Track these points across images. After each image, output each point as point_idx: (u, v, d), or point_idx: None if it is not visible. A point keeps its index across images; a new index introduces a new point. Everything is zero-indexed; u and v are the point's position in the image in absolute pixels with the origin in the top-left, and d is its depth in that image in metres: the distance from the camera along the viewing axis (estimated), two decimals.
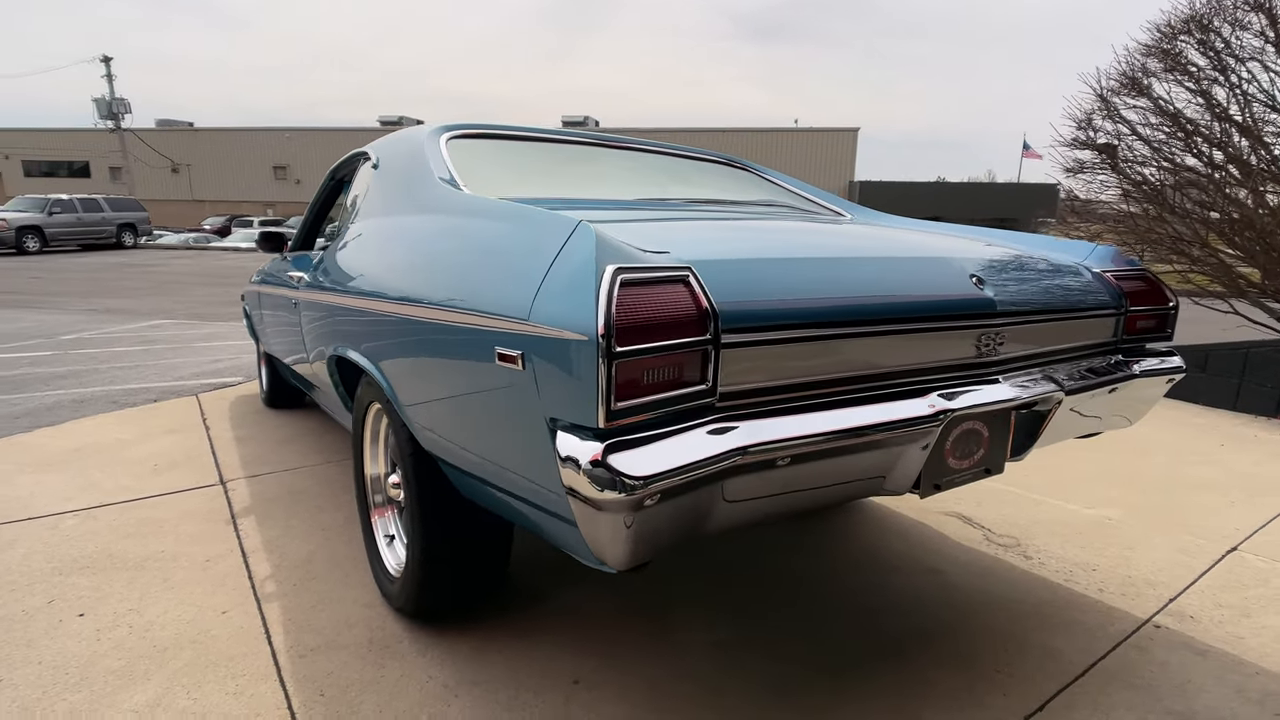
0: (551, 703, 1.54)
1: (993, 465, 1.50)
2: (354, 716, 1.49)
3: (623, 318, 0.91)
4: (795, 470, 1.11)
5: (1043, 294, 1.55)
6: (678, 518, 1.01)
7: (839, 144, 33.28)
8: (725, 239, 1.40)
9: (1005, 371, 1.46)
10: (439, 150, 1.91)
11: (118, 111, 28.70)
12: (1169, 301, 1.88)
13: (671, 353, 0.96)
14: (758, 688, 1.60)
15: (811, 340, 1.14)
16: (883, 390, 1.25)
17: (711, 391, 1.03)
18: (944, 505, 2.69)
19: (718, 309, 1.02)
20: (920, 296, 1.29)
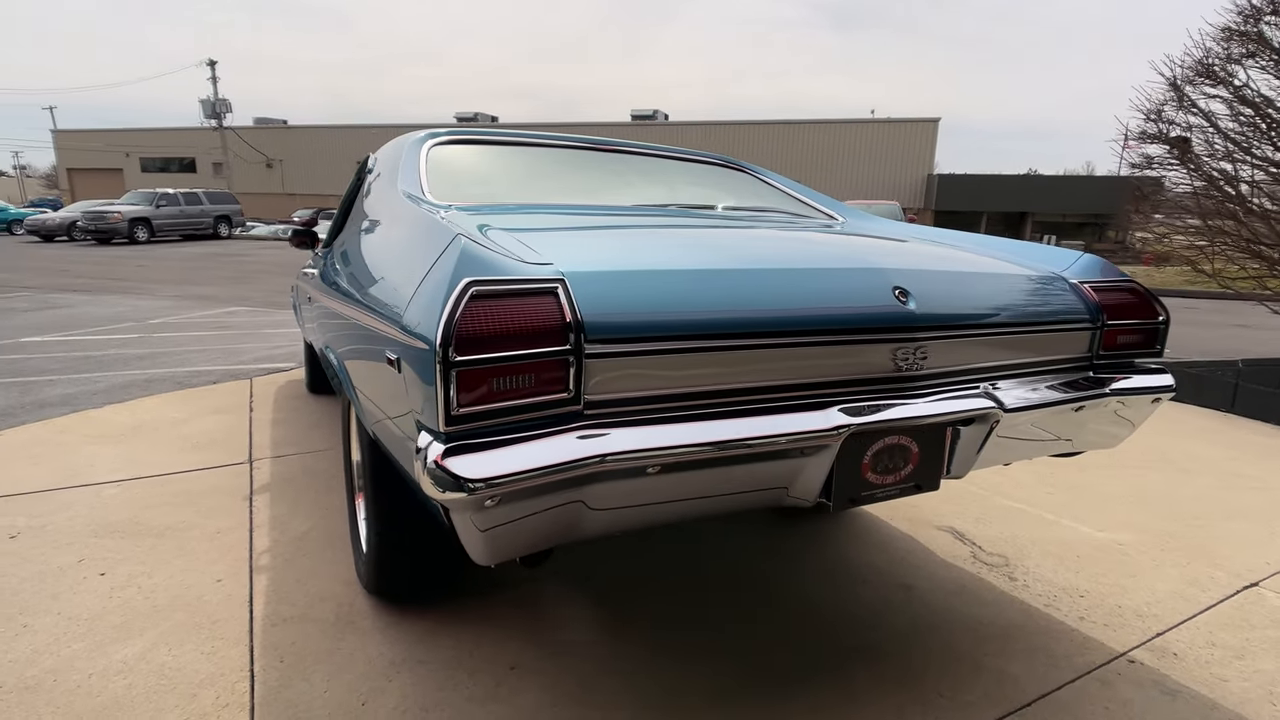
0: (483, 685, 1.61)
1: (924, 482, 1.46)
2: (304, 683, 1.61)
3: (465, 328, 0.96)
4: (671, 479, 1.13)
5: (989, 307, 1.50)
6: (537, 520, 1.06)
7: (918, 135, 32.04)
8: (632, 249, 1.42)
9: (935, 386, 1.42)
10: (416, 158, 2.01)
11: (220, 111, 30.79)
12: (1158, 316, 1.77)
13: (525, 362, 1.00)
14: (686, 690, 1.62)
15: (694, 352, 1.16)
16: (783, 402, 1.25)
17: (575, 400, 1.06)
18: (940, 518, 2.61)
19: (585, 321, 1.06)
20: (822, 310, 1.27)
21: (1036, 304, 1.60)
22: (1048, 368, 1.65)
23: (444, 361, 0.94)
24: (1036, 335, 1.59)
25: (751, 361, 1.21)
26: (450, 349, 0.94)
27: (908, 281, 1.40)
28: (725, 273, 1.26)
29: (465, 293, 0.97)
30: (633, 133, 35.73)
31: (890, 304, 1.34)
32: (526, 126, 37.20)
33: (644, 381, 1.13)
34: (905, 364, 1.37)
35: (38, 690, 1.56)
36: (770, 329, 1.21)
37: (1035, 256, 1.86)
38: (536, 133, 2.47)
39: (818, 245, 1.61)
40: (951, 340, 1.43)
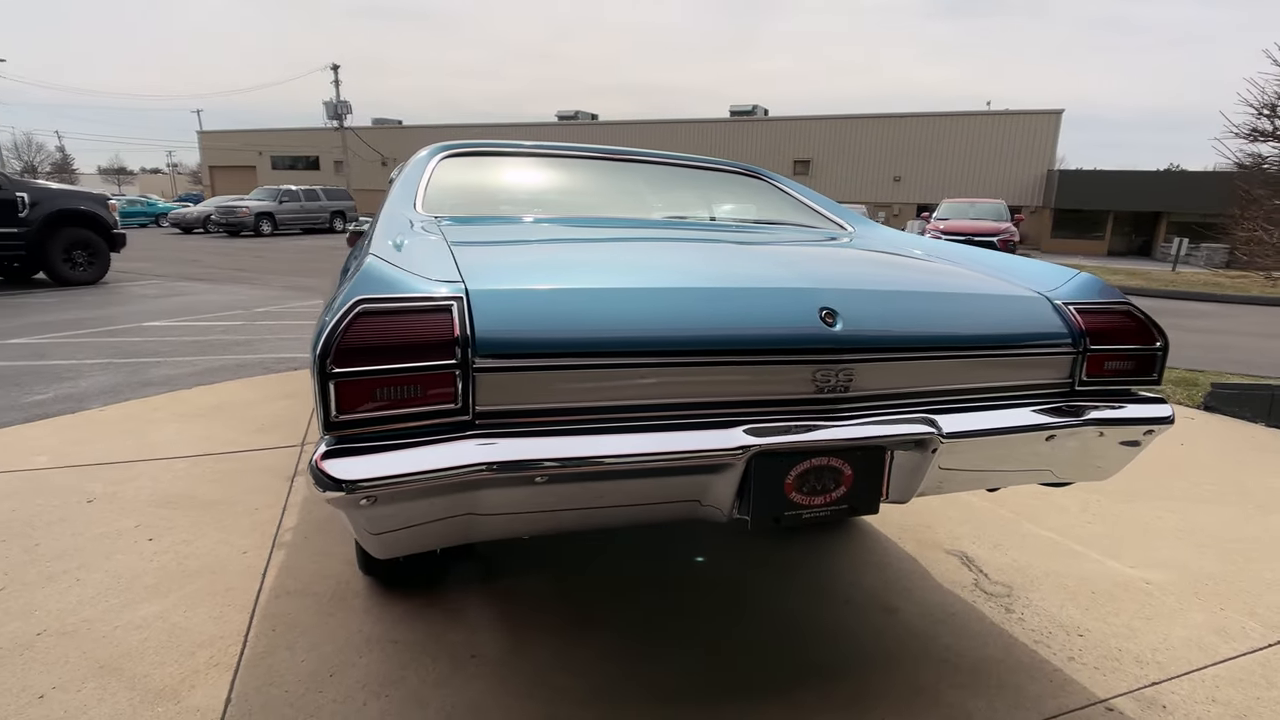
0: (441, 669, 1.72)
1: (859, 504, 1.44)
2: (286, 652, 1.78)
3: (347, 343, 1.05)
4: (563, 489, 1.18)
5: (937, 329, 1.45)
6: (423, 520, 1.14)
7: (1038, 128, 29.95)
8: (561, 265, 1.47)
9: (864, 409, 1.39)
10: (423, 171, 2.15)
11: (341, 113, 33.06)
12: (1155, 341, 1.64)
13: (410, 375, 1.08)
14: (628, 692, 1.66)
15: (593, 369, 1.20)
16: (688, 419, 1.27)
17: (465, 410, 1.13)
18: (953, 541, 2.50)
19: (478, 337, 1.12)
20: (731, 331, 1.28)
21: (999, 326, 1.52)
22: (1017, 393, 1.57)
23: (321, 373, 1.04)
24: (998, 359, 1.51)
25: (654, 380, 1.24)
26: (329, 361, 1.04)
27: (839, 302, 1.37)
28: (635, 291, 1.29)
29: (353, 310, 1.07)
30: (731, 129, 35.41)
31: (811, 325, 1.32)
32: (625, 124, 37.61)
33: (543, 395, 1.19)
34: (828, 386, 1.35)
35: (72, 636, 1.81)
36: (672, 348, 1.23)
37: (1025, 275, 1.76)
38: (551, 143, 2.56)
39: (756, 263, 1.60)
40: (885, 363, 1.39)
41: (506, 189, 2.33)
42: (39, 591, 2.01)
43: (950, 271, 1.81)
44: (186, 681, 1.65)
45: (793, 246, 1.96)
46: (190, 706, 1.57)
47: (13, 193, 8.01)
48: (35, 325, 6.32)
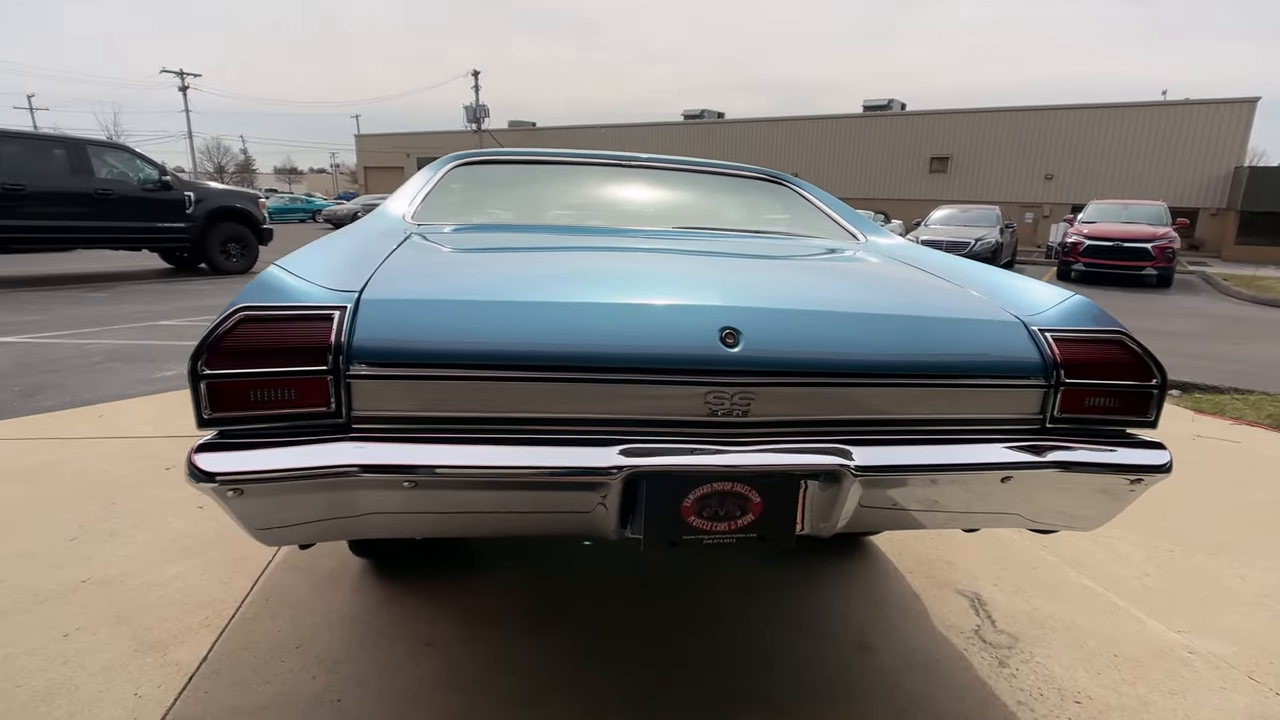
0: (394, 653, 1.82)
1: (770, 535, 1.36)
2: (269, 621, 1.95)
3: (221, 346, 1.14)
4: (437, 496, 1.21)
5: (867, 353, 1.33)
6: (296, 515, 1.21)
7: (1225, 120, 26.40)
8: (476, 276, 1.49)
9: (769, 435, 1.31)
10: (429, 179, 2.26)
11: (479, 116, 35.07)
12: (1150, 377, 1.42)
13: (283, 378, 1.16)
14: (558, 700, 1.68)
15: (473, 381, 1.22)
16: (567, 435, 1.26)
17: (338, 414, 1.19)
18: (970, 581, 2.30)
19: (355, 345, 1.18)
20: (616, 348, 1.24)
21: (947, 353, 1.38)
22: (977, 427, 1.42)
23: (192, 373, 1.14)
24: (943, 388, 1.38)
25: (536, 394, 1.25)
26: (199, 363, 1.13)
27: (745, 321, 1.31)
28: (527, 305, 1.30)
29: (232, 316, 1.16)
30: (862, 124, 34.01)
31: (705, 345, 1.27)
32: (750, 122, 37.10)
33: (422, 404, 1.23)
34: (722, 410, 1.29)
35: (107, 586, 2.08)
36: (553, 364, 1.23)
37: (1011, 296, 1.59)
38: (569, 151, 2.60)
39: (680, 277, 1.54)
40: (794, 388, 1.31)
41: (505, 198, 2.41)
42: (99, 544, 2.33)
43: (918, 291, 1.67)
44: (178, 638, 1.86)
45: (742, 259, 1.89)
46: (172, 660, 1.76)
47: (181, 192, 9.20)
48: (187, 309, 7.24)
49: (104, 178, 8.65)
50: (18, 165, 7.87)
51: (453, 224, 2.03)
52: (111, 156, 8.93)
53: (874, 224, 2.41)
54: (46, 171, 8.15)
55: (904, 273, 1.85)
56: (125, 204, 8.75)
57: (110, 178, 8.70)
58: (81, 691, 1.64)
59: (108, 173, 8.74)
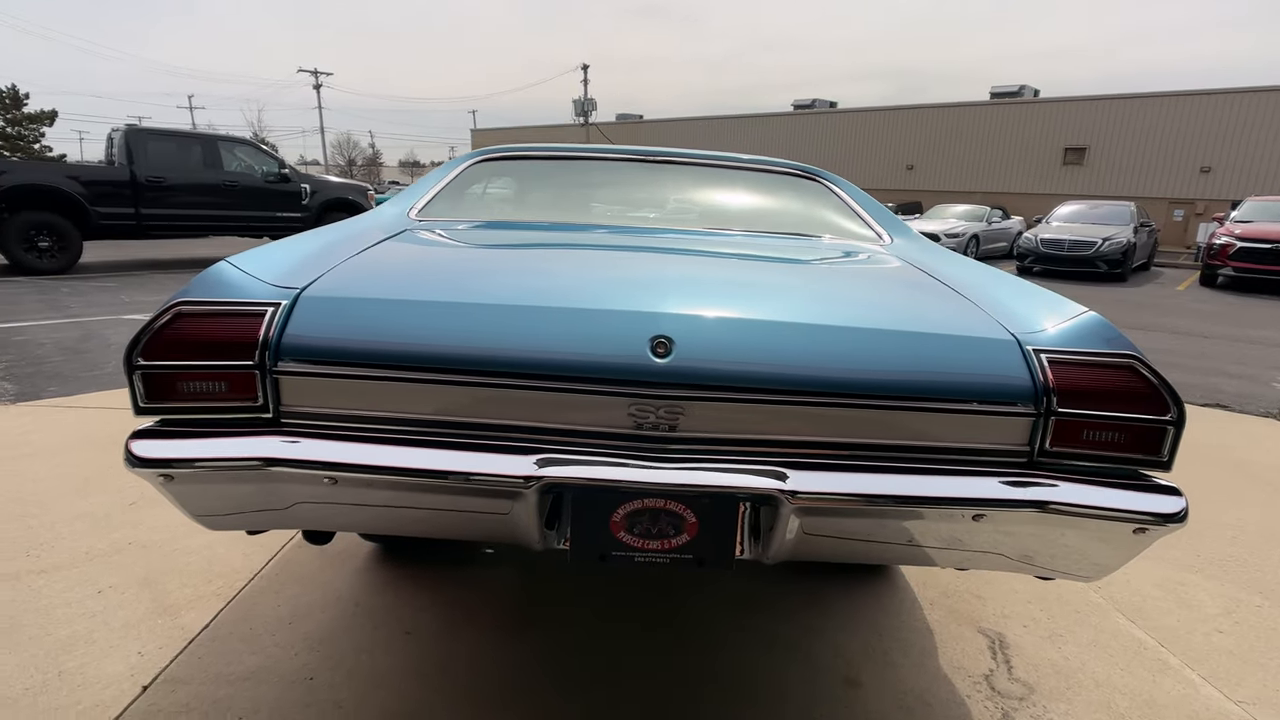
0: (373, 638, 1.87)
1: (707, 557, 1.28)
2: (273, 596, 2.06)
3: (155, 340, 1.18)
4: (359, 493, 1.22)
5: (822, 371, 1.22)
6: (227, 503, 1.25)
7: None
8: (412, 276, 1.48)
9: (705, 451, 1.22)
10: (445, 174, 2.30)
11: (587, 110, 35.63)
12: (1164, 411, 1.22)
13: (212, 372, 1.20)
14: (511, 703, 1.67)
15: (395, 381, 1.21)
16: (488, 440, 1.23)
17: (266, 408, 1.22)
18: (998, 620, 2.09)
19: (284, 343, 1.20)
20: (541, 354, 1.20)
21: (917, 372, 1.24)
22: (955, 455, 1.27)
23: (127, 363, 1.20)
24: (907, 411, 1.24)
25: (461, 398, 1.23)
26: (135, 354, 1.19)
27: (680, 330, 1.22)
28: (457, 306, 1.28)
29: (170, 310, 1.21)
30: (988, 113, 31.87)
31: (629, 355, 1.20)
32: (863, 112, 35.64)
33: (349, 402, 1.24)
34: (648, 423, 1.22)
35: (146, 550, 2.27)
36: (477, 368, 1.21)
37: (1018, 310, 1.41)
38: (592, 146, 2.57)
39: (615, 282, 1.46)
40: (731, 404, 1.21)
41: (518, 195, 2.41)
42: (151, 510, 2.54)
43: (906, 301, 1.51)
44: (191, 604, 2.00)
45: (724, 260, 1.79)
46: (179, 624, 1.90)
47: (299, 184, 9.94)
48: None
49: (232, 171, 9.49)
50: (159, 160, 8.77)
51: (452, 220, 2.05)
52: (239, 151, 9.78)
53: (905, 226, 2.22)
54: (183, 165, 9.04)
55: (904, 280, 1.69)
56: (250, 194, 9.57)
57: (237, 171, 9.53)
58: (97, 645, 1.80)
59: (236, 166, 9.58)
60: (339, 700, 1.65)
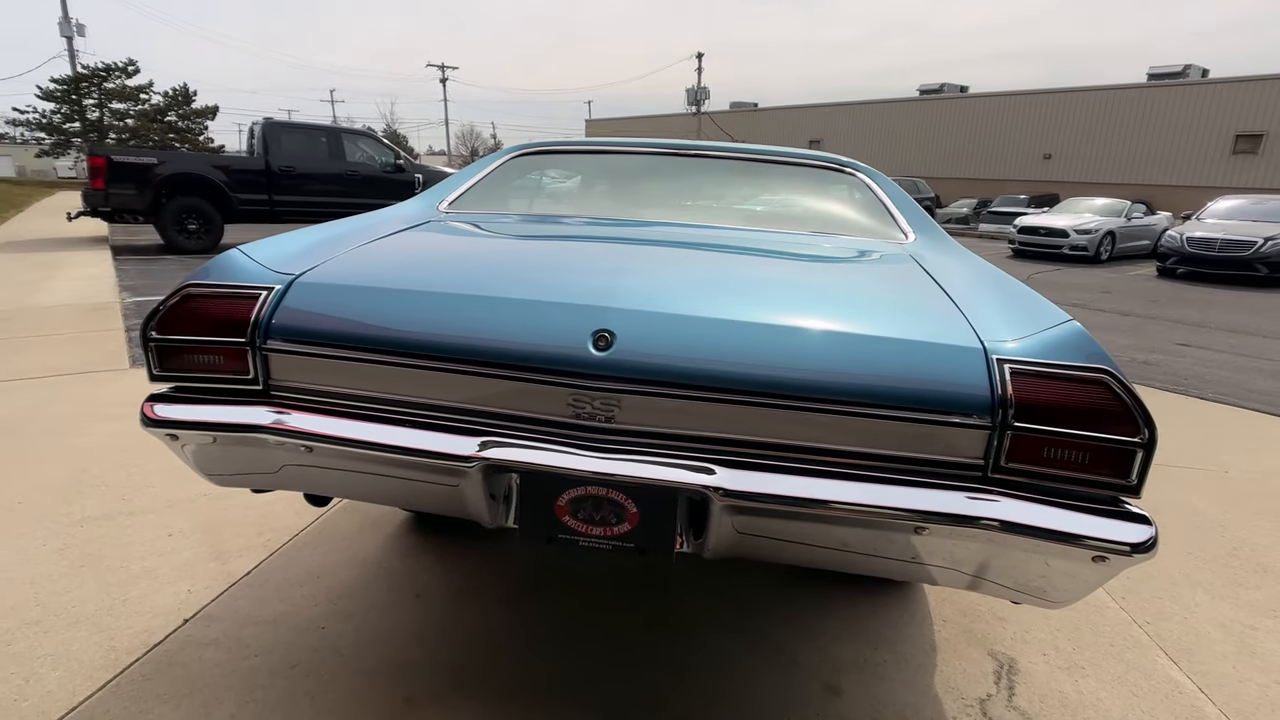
0: (386, 599, 2.03)
1: (648, 547, 1.31)
2: (310, 551, 2.27)
3: (166, 319, 1.35)
4: (327, 460, 1.34)
5: (761, 371, 1.21)
6: (226, 462, 1.41)
7: None
8: (414, 265, 1.57)
9: (637, 444, 1.24)
10: (484, 166, 2.41)
11: (700, 99, 35.44)
12: (1134, 432, 1.12)
13: (211, 348, 1.35)
14: (495, 676, 1.77)
15: (363, 362, 1.32)
16: (442, 421, 1.31)
17: (256, 381, 1.36)
18: (1013, 645, 1.97)
19: (273, 324, 1.34)
20: (491, 342, 1.26)
21: (863, 376, 1.20)
22: (908, 465, 1.23)
23: (143, 336, 1.37)
24: (846, 416, 1.21)
25: (422, 380, 1.31)
26: (149, 328, 1.36)
27: (623, 325, 1.25)
28: (425, 295, 1.37)
29: (180, 291, 1.37)
30: (1141, 96, 28.88)
31: (571, 347, 1.24)
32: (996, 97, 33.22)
33: (327, 379, 1.36)
34: (585, 413, 1.25)
35: (218, 500, 2.56)
36: (434, 353, 1.29)
37: (1002, 317, 1.33)
38: (625, 140, 2.60)
39: (576, 274, 1.50)
40: (667, 399, 1.23)
41: (545, 189, 2.49)
42: None
43: (879, 303, 1.46)
44: (240, 552, 2.24)
45: (705, 253, 1.79)
46: (225, 570, 2.14)
47: (412, 174, 10.59)
48: None
49: (354, 161, 10.26)
50: (290, 150, 9.63)
51: (475, 213, 2.16)
52: (361, 143, 10.55)
53: (933, 225, 2.11)
54: (311, 155, 9.87)
55: (896, 281, 1.63)
56: (369, 183, 10.30)
57: (358, 161, 10.28)
58: (157, 580, 2.07)
59: (357, 156, 10.34)
60: (341, 649, 1.81)
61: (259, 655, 1.77)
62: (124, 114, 24.70)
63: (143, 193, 8.67)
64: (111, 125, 24.36)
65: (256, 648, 1.80)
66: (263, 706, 1.60)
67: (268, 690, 1.66)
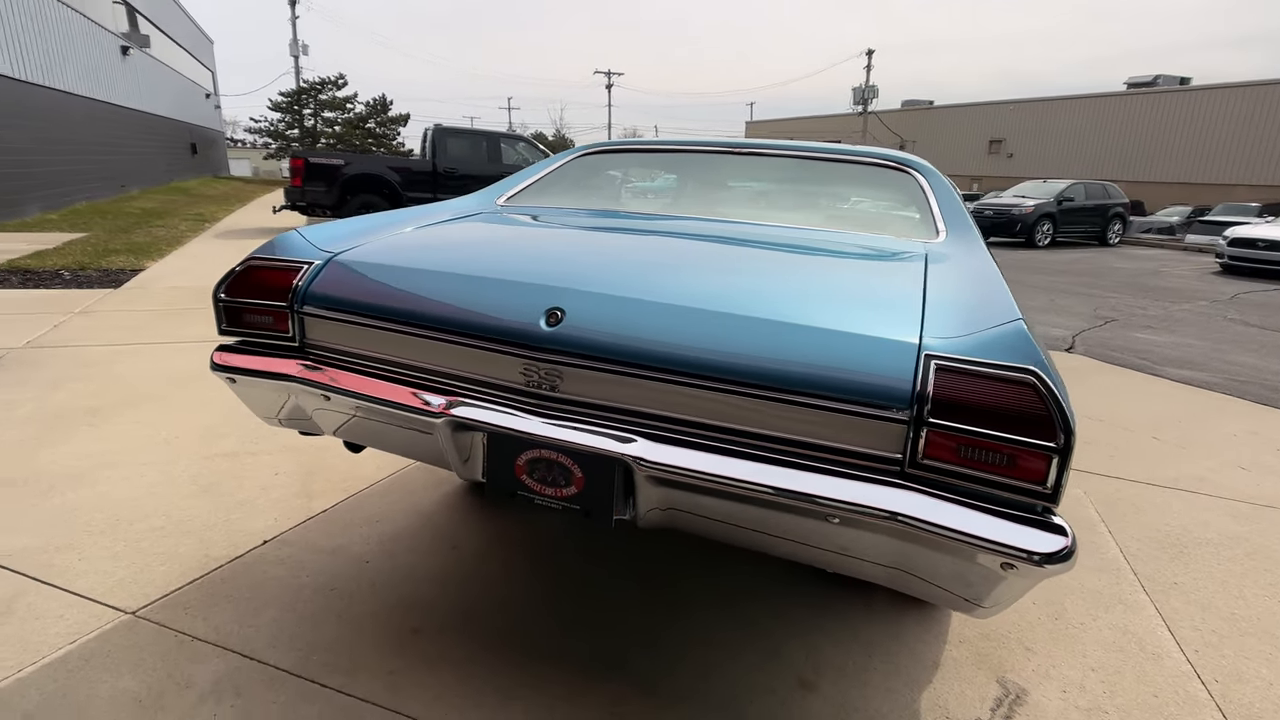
0: (425, 546, 2.29)
1: (592, 511, 1.42)
2: (379, 499, 2.59)
3: (232, 284, 1.64)
4: (340, 406, 1.58)
5: (682, 350, 1.27)
6: (270, 404, 1.69)
7: None
8: (436, 248, 1.77)
9: (575, 413, 1.35)
10: (551, 163, 2.60)
11: (867, 97, 33.98)
12: (1050, 437, 1.05)
13: (262, 309, 1.63)
14: (480, 620, 1.95)
15: (370, 328, 1.54)
16: (427, 381, 1.49)
17: (294, 339, 1.63)
18: (1031, 675, 1.84)
19: (309, 292, 1.59)
20: (461, 316, 1.42)
21: (784, 365, 1.22)
22: (828, 454, 1.24)
23: (214, 297, 1.68)
24: (767, 402, 1.23)
25: (414, 345, 1.51)
26: (219, 290, 1.67)
27: (573, 304, 1.37)
28: (425, 272, 1.57)
29: (245, 262, 1.67)
30: None
31: (525, 322, 1.37)
32: (1222, 89, 28.80)
33: (348, 340, 1.60)
34: (534, 381, 1.38)
35: (319, 451, 2.98)
36: (424, 323, 1.49)
37: (952, 314, 1.28)
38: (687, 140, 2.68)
39: (553, 260, 1.60)
40: (606, 374, 1.33)
41: (600, 185, 2.62)
42: None
43: (836, 295, 1.45)
44: (323, 494, 2.62)
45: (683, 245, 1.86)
46: (308, 506, 2.52)
47: None
48: None
49: (510, 163, 11.07)
50: (455, 153, 10.61)
51: (526, 207, 2.36)
52: (518, 146, 11.36)
53: (968, 226, 1.99)
54: (472, 158, 10.81)
55: (881, 279, 1.59)
56: None
57: (513, 163, 11.09)
58: (254, 508, 2.48)
59: (514, 159, 11.16)
60: (375, 581, 2.08)
61: (309, 576, 2.09)
62: (333, 122, 28.37)
63: (331, 190, 9.99)
64: (322, 132, 28.12)
65: (310, 570, 2.12)
66: (297, 616, 1.90)
67: (306, 605, 1.95)
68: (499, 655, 1.79)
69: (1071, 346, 6.00)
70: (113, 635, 1.79)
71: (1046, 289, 9.42)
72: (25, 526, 2.29)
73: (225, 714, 1.56)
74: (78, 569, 2.06)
